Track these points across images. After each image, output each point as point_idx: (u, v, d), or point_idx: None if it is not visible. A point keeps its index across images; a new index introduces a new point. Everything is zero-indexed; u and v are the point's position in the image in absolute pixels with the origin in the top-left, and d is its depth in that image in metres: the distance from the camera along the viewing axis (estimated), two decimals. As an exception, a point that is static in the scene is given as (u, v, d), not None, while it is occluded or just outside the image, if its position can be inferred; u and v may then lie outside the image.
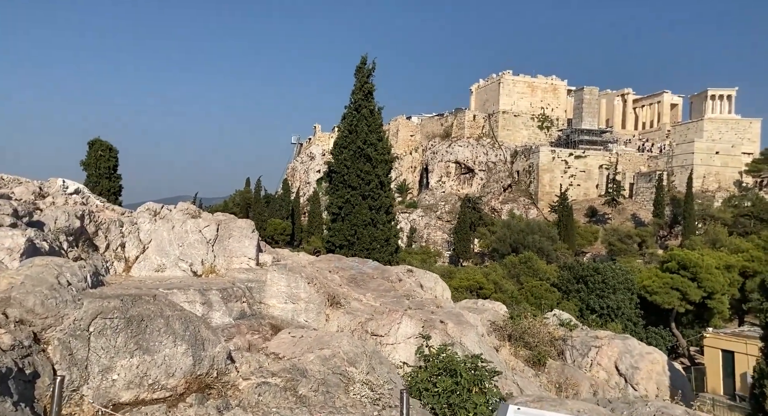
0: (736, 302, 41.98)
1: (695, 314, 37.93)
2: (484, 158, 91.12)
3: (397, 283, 13.04)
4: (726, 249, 46.63)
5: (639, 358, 16.86)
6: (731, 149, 77.95)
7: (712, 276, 35.39)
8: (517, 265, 40.34)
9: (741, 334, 34.55)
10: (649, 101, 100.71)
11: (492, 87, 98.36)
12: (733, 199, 67.24)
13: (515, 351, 15.47)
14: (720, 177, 75.63)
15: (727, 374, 31.72)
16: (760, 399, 13.23)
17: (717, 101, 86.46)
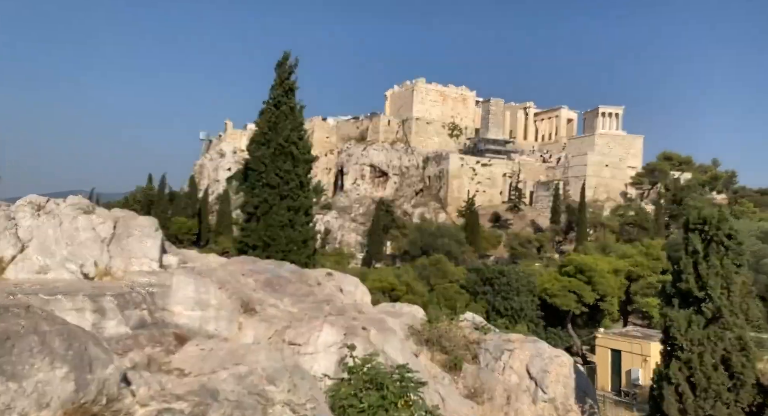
0: (622, 304, 45.38)
1: (589, 315, 40.49)
2: (397, 162, 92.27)
3: (317, 287, 12.33)
4: (614, 255, 50.30)
5: (549, 361, 17.24)
6: (619, 163, 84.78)
7: (605, 280, 37.94)
8: (427, 267, 40.91)
9: (627, 334, 37.32)
10: (548, 115, 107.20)
11: (406, 94, 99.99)
12: (620, 208, 73.03)
13: (432, 356, 15.28)
14: (609, 188, 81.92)
15: (615, 371, 34.03)
16: (659, 401, 13.93)
17: (607, 118, 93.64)
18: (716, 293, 13.51)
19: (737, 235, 13.92)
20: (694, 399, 13.72)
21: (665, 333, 14.16)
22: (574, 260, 40.27)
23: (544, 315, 37.74)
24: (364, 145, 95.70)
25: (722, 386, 13.69)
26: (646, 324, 44.02)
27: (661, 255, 47.14)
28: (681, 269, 14.20)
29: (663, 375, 13.90)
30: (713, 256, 13.71)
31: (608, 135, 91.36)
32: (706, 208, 14.51)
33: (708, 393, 13.71)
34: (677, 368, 13.90)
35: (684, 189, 67.83)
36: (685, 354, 13.95)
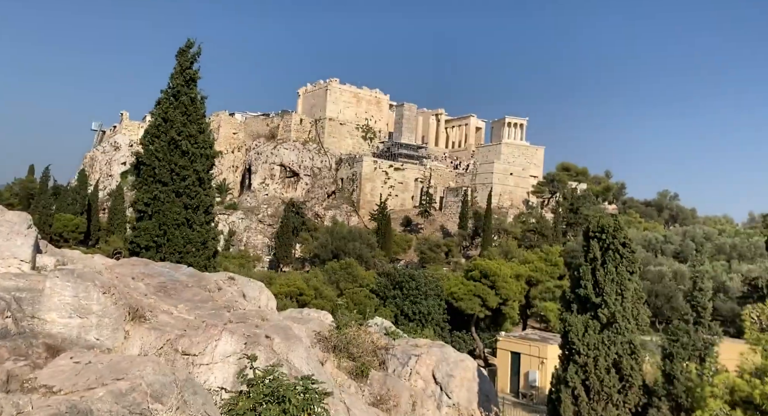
0: (522, 308, 47.49)
1: (491, 318, 41.91)
2: (309, 162, 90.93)
3: (217, 292, 11.46)
4: (516, 260, 52.64)
5: (454, 366, 17.34)
6: (522, 172, 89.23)
7: (508, 285, 39.43)
8: (337, 271, 40.43)
9: (526, 337, 39.02)
10: (458, 123, 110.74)
11: (319, 93, 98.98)
12: (522, 216, 76.73)
13: (339, 363, 14.82)
14: (513, 196, 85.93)
15: (514, 373, 35.36)
16: (557, 404, 14.38)
17: (512, 128, 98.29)
18: (611, 299, 14.22)
19: (631, 243, 14.76)
20: (588, 402, 14.33)
21: (564, 338, 14.73)
22: (479, 265, 41.55)
23: (450, 319, 38.53)
24: (275, 143, 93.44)
25: (613, 388, 14.42)
26: (544, 327, 46.38)
27: (558, 261, 49.94)
28: (580, 275, 14.84)
29: (561, 378, 14.42)
30: (610, 263, 14.43)
31: (513, 145, 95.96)
32: (604, 217, 15.27)
33: (600, 396, 14.39)
34: (574, 371, 14.46)
35: (580, 199, 72.64)
36: (582, 358, 14.55)
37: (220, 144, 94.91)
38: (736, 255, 53.78)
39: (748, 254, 52.89)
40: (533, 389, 32.80)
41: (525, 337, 38.79)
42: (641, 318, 15.23)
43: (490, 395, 17.77)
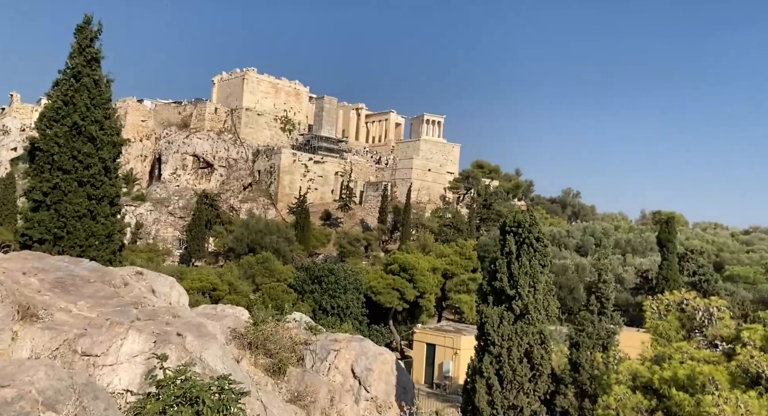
0: (437, 300, 48.67)
1: (409, 311, 42.57)
2: (225, 153, 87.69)
3: (123, 288, 10.63)
4: (433, 254, 53.84)
5: (373, 359, 17.33)
6: (439, 168, 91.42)
7: (425, 278, 40.20)
8: (254, 265, 39.29)
9: (441, 329, 40.05)
10: (378, 118, 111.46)
11: (236, 82, 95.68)
12: (439, 211, 78.66)
13: (256, 360, 14.32)
14: (430, 191, 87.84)
15: (429, 364, 36.16)
16: (471, 394, 14.75)
17: (430, 125, 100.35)
18: (525, 292, 14.78)
19: (544, 238, 15.43)
20: (501, 391, 14.84)
21: (480, 329, 15.15)
22: (398, 258, 42.03)
23: (368, 313, 38.68)
24: (188, 132, 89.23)
25: (525, 377, 15.02)
26: (458, 318, 47.81)
27: (472, 255, 51.62)
28: (496, 268, 15.31)
29: (476, 369, 14.82)
30: (524, 257, 14.99)
31: (431, 141, 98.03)
32: (520, 213, 15.85)
33: (513, 385, 14.94)
34: (489, 362, 14.91)
35: (492, 195, 75.59)
36: (496, 348, 15.03)
37: (127, 132, 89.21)
38: (630, 249, 58.34)
39: (640, 249, 57.53)
40: (447, 379, 33.69)
41: (440, 329, 39.78)
42: (551, 309, 15.98)
43: (407, 387, 17.98)
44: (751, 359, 7.55)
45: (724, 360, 8.26)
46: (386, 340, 38.08)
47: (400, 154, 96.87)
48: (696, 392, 7.56)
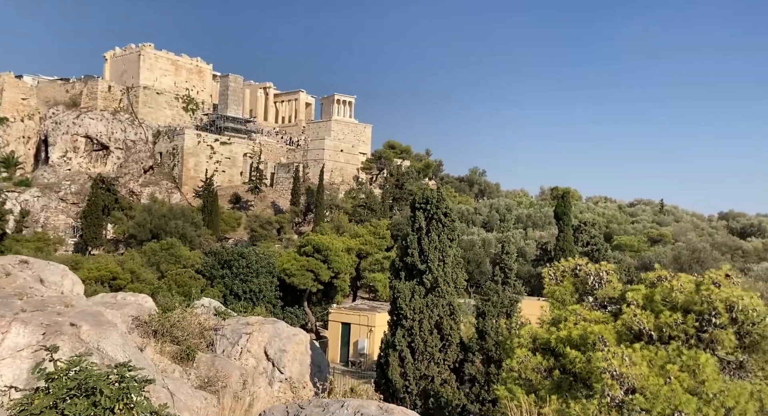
0: (352, 280, 49.09)
1: (324, 292, 42.59)
2: (121, 134, 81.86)
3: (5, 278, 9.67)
4: (347, 234, 54.08)
5: (287, 341, 17.20)
6: (352, 149, 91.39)
7: (340, 258, 40.30)
8: (158, 252, 37.32)
9: (356, 308, 40.53)
10: (288, 98, 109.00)
11: (131, 58, 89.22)
12: (352, 192, 78.84)
13: (162, 348, 13.71)
14: (343, 172, 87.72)
15: (344, 343, 36.57)
16: (385, 367, 15.07)
17: (341, 106, 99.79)
18: (435, 265, 15.24)
19: (452, 213, 15.93)
20: (413, 363, 15.31)
21: (393, 304, 15.47)
22: (312, 240, 41.74)
23: (282, 295, 38.20)
24: (78, 112, 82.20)
25: (435, 348, 15.59)
26: (373, 297, 48.52)
27: (386, 234, 52.42)
28: (408, 244, 15.64)
29: (389, 342, 15.16)
30: (434, 232, 15.43)
31: (342, 122, 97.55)
32: (429, 190, 16.22)
33: (424, 356, 15.46)
34: (401, 335, 15.30)
35: (404, 175, 76.86)
36: (408, 322, 15.44)
37: (4, 110, 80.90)
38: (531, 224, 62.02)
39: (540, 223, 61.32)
40: (362, 356, 34.22)
41: (355, 308, 40.23)
42: (459, 281, 16.62)
43: (322, 366, 18.03)
44: (634, 317, 8.23)
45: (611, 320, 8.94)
46: (301, 322, 37.91)
47: (312, 134, 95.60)
48: (588, 349, 8.12)
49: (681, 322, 7.47)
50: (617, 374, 6.98)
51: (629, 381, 6.91)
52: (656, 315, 7.92)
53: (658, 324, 7.78)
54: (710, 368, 6.75)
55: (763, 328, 6.79)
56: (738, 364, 7.25)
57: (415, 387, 14.33)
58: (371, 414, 4.15)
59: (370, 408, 4.32)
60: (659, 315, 7.83)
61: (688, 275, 8.32)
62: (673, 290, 8.01)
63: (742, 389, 6.72)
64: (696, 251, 42.70)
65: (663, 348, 7.63)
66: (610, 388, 6.87)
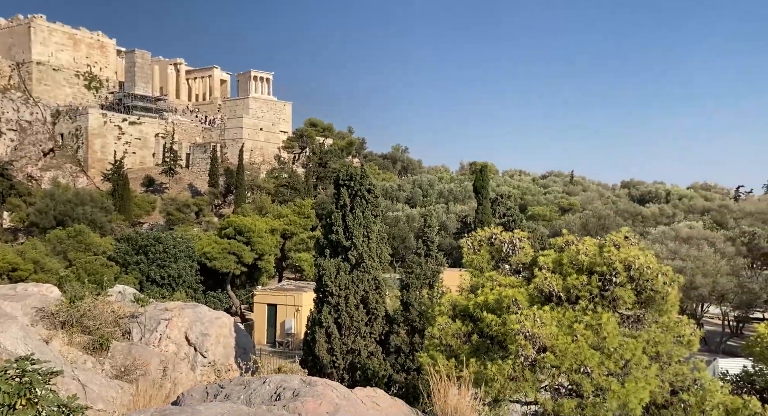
0: (278, 261, 48.47)
1: (248, 274, 41.75)
2: (14, 115, 74.88)
3: None
4: (270, 215, 53.12)
5: (209, 324, 16.78)
6: (272, 127, 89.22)
7: (263, 240, 39.55)
8: (64, 240, 34.81)
9: (282, 288, 40.14)
10: (201, 74, 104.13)
11: (20, 31, 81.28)
12: (274, 171, 77.23)
13: (71, 339, 12.92)
14: (264, 151, 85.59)
15: (271, 324, 36.26)
16: (312, 344, 15.09)
17: (259, 82, 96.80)
18: (359, 242, 15.32)
19: (375, 189, 16.01)
20: (340, 338, 15.43)
21: (318, 282, 15.43)
22: (233, 222, 40.60)
23: (203, 280, 37.05)
24: (-38, 90, 74.35)
25: (361, 322, 15.78)
26: (299, 277, 48.21)
27: (311, 213, 52.00)
28: (332, 221, 15.58)
29: (316, 320, 15.16)
30: (358, 208, 15.45)
31: (261, 99, 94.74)
32: (352, 167, 16.18)
33: (351, 330, 15.62)
34: (328, 312, 15.34)
35: (327, 153, 76.18)
36: (334, 298, 15.49)
37: None
38: (452, 198, 63.82)
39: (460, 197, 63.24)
40: (290, 336, 34.10)
41: (281, 289, 39.83)
42: (384, 256, 16.84)
43: (247, 348, 17.76)
44: (545, 280, 8.70)
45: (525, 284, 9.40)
46: (225, 305, 37.04)
47: (229, 113, 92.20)
48: (503, 313, 8.50)
49: (586, 283, 7.99)
50: (530, 334, 7.37)
51: (540, 341, 7.32)
52: (564, 278, 8.42)
53: (566, 286, 8.28)
54: (611, 325, 7.29)
55: (655, 284, 7.41)
56: (636, 318, 7.89)
57: (342, 361, 14.47)
58: (294, 387, 4.12)
59: (292, 382, 4.29)
60: (567, 278, 8.32)
61: (592, 238, 8.88)
62: (579, 254, 8.53)
63: (637, 343, 7.33)
64: (601, 218, 45.83)
65: (571, 308, 8.14)
66: (524, 348, 7.25)
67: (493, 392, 7.41)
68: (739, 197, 72.40)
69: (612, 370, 7.06)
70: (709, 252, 33.89)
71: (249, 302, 40.88)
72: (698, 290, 31.88)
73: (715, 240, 36.06)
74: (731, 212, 52.22)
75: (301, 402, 3.64)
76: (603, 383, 6.86)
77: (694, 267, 32.05)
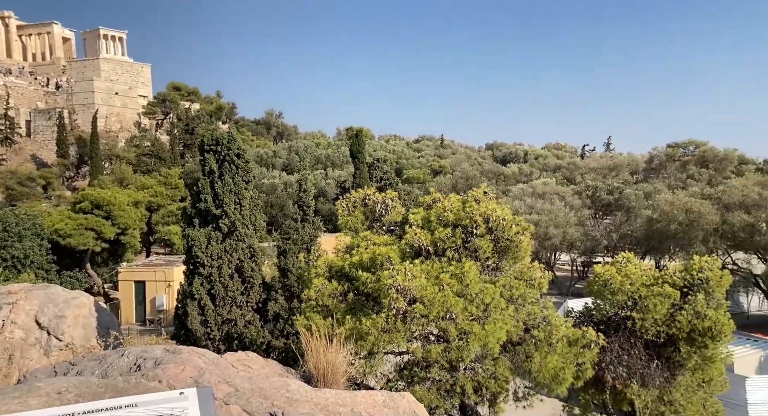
0: (144, 236, 45.34)
1: (110, 251, 38.64)
2: None
3: None
4: (133, 187, 49.22)
5: (64, 306, 15.34)
6: (129, 91, 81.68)
7: (125, 213, 36.65)
8: None
9: (151, 264, 37.78)
10: (37, 31, 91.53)
11: None
12: (135, 139, 71.23)
13: None
14: (121, 118, 78.36)
15: (139, 302, 34.22)
16: (183, 318, 14.46)
17: (110, 42, 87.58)
18: (231, 209, 14.74)
19: (245, 154, 15.39)
20: (214, 309, 14.93)
21: (188, 253, 14.67)
22: (89, 195, 36.96)
23: (57, 259, 33.60)
24: None
25: (237, 291, 15.37)
26: (169, 251, 45.59)
27: (179, 184, 49.02)
28: (200, 189, 14.76)
29: (187, 292, 14.47)
30: (227, 175, 14.78)
31: (114, 60, 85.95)
32: (218, 130, 15.36)
33: (226, 301, 15.16)
34: (200, 283, 14.70)
35: (194, 119, 71.63)
36: (206, 269, 14.86)
37: None
38: (330, 164, 63.73)
39: (338, 162, 63.34)
40: (161, 313, 32.47)
41: (149, 264, 37.48)
42: (258, 223, 16.41)
43: (111, 326, 16.56)
44: (415, 236, 9.07)
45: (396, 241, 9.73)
46: (84, 285, 34.07)
47: (76, 75, 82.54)
48: (377, 270, 8.75)
49: (451, 236, 8.46)
50: (401, 288, 7.69)
51: (411, 293, 7.67)
52: (432, 233, 8.85)
53: (434, 240, 8.71)
54: (472, 273, 7.84)
55: (510, 234, 8.07)
56: (495, 265, 8.56)
57: (218, 332, 14.05)
58: (156, 356, 3.89)
59: (155, 352, 4.05)
60: (435, 232, 8.75)
61: (456, 195, 9.40)
62: (444, 210, 8.99)
63: (496, 288, 7.98)
64: (469, 178, 48.70)
65: (438, 261, 8.61)
66: (395, 301, 7.56)
67: (367, 345, 7.67)
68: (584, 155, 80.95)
69: (475, 314, 7.63)
70: (560, 206, 37.65)
71: (114, 280, 37.99)
72: (551, 241, 35.43)
73: (565, 195, 40.10)
74: (578, 168, 58.31)
75: (161, 369, 3.45)
76: (466, 327, 7.40)
77: (547, 220, 35.46)
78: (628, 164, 58.16)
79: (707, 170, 51.26)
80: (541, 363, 7.80)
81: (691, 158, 53.54)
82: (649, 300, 9.55)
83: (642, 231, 35.47)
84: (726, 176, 48.80)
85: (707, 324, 9.32)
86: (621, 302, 10.03)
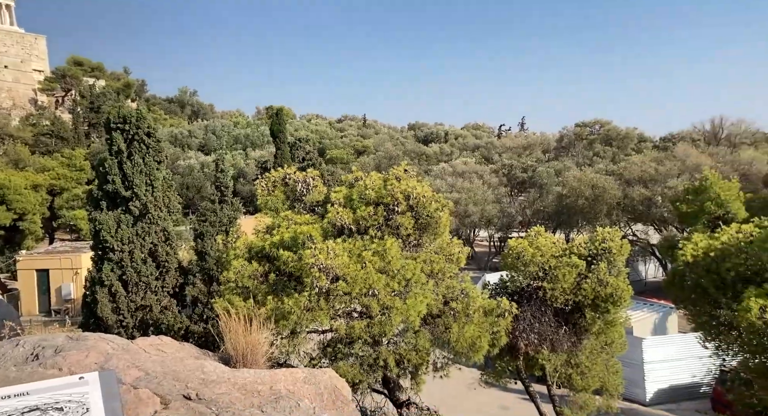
0: (46, 221, 42.17)
1: (6, 239, 35.69)
2: None
3: None
4: (31, 169, 45.44)
5: (-45, 299, 14.08)
6: (21, 65, 74.75)
7: (23, 197, 33.87)
8: None
9: (55, 251, 35.27)
10: None
11: None
12: (31, 118, 65.56)
13: None
14: (14, 94, 71.70)
15: (43, 292, 32.03)
16: (93, 306, 13.67)
17: (-2, 10, 79.45)
18: (142, 191, 13.95)
19: (156, 133, 14.57)
20: (126, 295, 14.19)
21: (96, 237, 13.78)
22: (-21, 178, 33.71)
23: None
24: None
25: (151, 276, 14.68)
26: (75, 237, 42.74)
27: (85, 165, 45.82)
28: (107, 170, 13.84)
29: (96, 279, 13.64)
30: (137, 155, 13.94)
31: (3, 31, 78.11)
32: (125, 108, 14.41)
33: (139, 286, 14.45)
34: (110, 269, 13.89)
35: (100, 97, 66.77)
36: (117, 254, 14.05)
37: None
38: (250, 144, 61.87)
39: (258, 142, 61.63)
40: (68, 303, 30.55)
41: (53, 251, 35.04)
42: (173, 205, 15.69)
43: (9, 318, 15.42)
44: (337, 215, 9.03)
45: (318, 220, 9.65)
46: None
47: (-42, 45, 74.27)
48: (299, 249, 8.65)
49: (373, 214, 8.51)
50: (324, 266, 7.66)
51: (333, 271, 7.66)
52: (354, 211, 8.85)
53: (356, 218, 8.72)
54: (394, 250, 7.95)
55: (429, 210, 8.25)
56: (416, 242, 8.73)
57: (131, 319, 13.39)
58: (57, 344, 3.63)
59: (56, 340, 3.77)
60: (357, 210, 8.76)
61: (377, 173, 9.44)
62: (366, 188, 9.00)
63: (417, 264, 8.16)
64: (392, 158, 49.10)
65: (361, 239, 8.65)
66: (318, 280, 7.53)
67: (290, 325, 7.61)
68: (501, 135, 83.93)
69: (396, 290, 7.77)
70: (479, 184, 38.95)
71: (11, 269, 35.15)
72: (470, 218, 36.66)
73: (483, 173, 41.50)
74: (495, 148, 60.41)
75: (62, 356, 3.22)
76: (389, 302, 7.52)
77: (467, 198, 36.60)
78: (540, 143, 61.01)
79: (611, 147, 54.86)
80: (459, 333, 8.11)
81: (597, 137, 57.02)
82: (558, 271, 10.15)
83: (553, 207, 37.51)
84: (627, 153, 52.53)
85: (609, 290, 10.06)
86: (533, 273, 10.59)
